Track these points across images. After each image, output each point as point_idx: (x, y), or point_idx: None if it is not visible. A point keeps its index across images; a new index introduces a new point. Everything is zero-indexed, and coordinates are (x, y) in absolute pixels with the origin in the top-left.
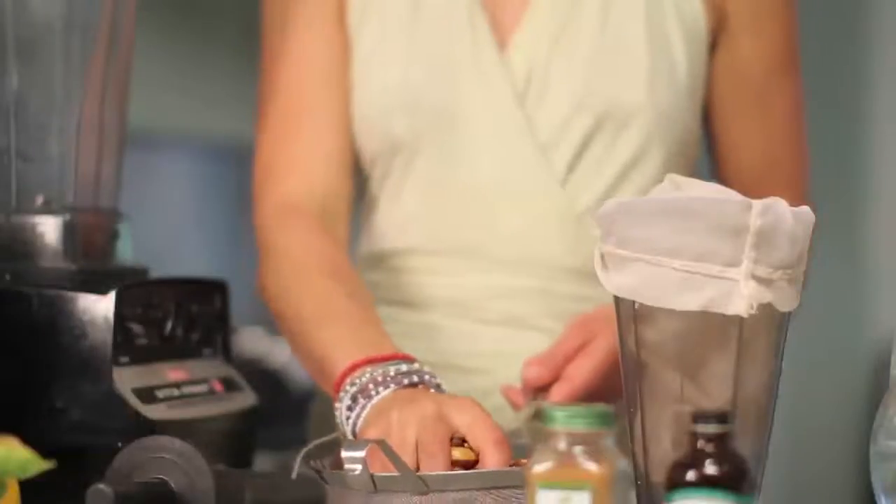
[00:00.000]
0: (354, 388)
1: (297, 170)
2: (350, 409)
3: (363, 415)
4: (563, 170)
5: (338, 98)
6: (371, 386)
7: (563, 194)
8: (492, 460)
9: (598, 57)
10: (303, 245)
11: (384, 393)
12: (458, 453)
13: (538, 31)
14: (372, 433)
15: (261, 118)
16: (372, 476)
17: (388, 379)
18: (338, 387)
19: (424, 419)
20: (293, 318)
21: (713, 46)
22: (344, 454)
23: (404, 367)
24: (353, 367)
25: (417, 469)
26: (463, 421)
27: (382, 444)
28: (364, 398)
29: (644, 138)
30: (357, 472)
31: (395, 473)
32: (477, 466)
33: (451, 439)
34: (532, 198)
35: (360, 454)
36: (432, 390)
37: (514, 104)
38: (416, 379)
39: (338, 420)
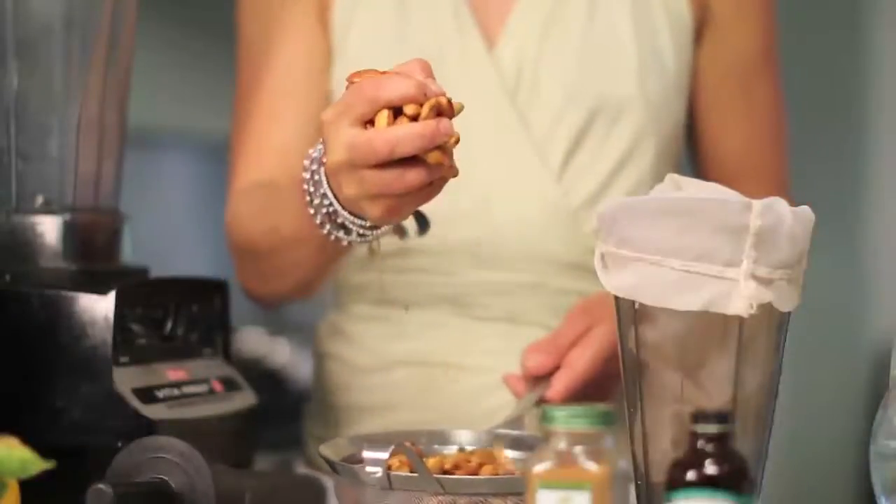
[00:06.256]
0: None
1: (250, 170)
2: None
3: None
4: (558, 165)
5: (305, 105)
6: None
7: (558, 189)
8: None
9: (588, 51)
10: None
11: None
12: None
13: (526, 27)
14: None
15: (234, 120)
16: (389, 475)
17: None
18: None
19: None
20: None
21: (698, 39)
22: (366, 454)
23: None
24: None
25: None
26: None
27: (405, 448)
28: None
29: (636, 131)
30: (378, 475)
31: (412, 474)
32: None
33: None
34: (527, 193)
35: (383, 456)
36: None
37: (506, 101)
38: None
39: (317, 198)
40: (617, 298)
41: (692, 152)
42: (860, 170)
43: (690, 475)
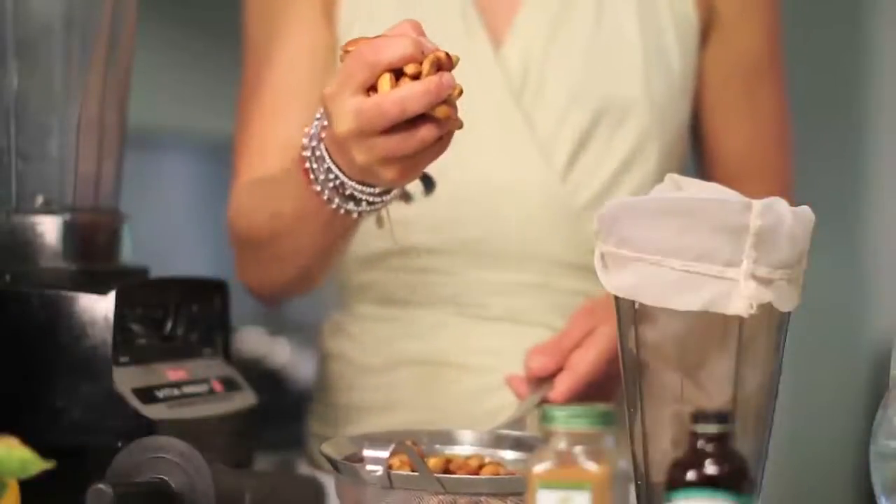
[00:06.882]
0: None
1: (252, 168)
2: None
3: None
4: (563, 165)
5: (308, 103)
6: (312, 140)
7: (562, 190)
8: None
9: (594, 52)
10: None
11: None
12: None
13: (532, 28)
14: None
15: (238, 119)
16: (389, 474)
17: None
18: (302, 161)
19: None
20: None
21: (703, 40)
22: (366, 453)
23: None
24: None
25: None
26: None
27: (406, 447)
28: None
29: (641, 133)
30: (378, 473)
31: (413, 473)
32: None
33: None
34: (532, 194)
35: (384, 454)
36: None
37: (511, 101)
38: None
39: (319, 171)
40: (617, 298)
41: (696, 152)
42: (860, 170)
43: (690, 475)
